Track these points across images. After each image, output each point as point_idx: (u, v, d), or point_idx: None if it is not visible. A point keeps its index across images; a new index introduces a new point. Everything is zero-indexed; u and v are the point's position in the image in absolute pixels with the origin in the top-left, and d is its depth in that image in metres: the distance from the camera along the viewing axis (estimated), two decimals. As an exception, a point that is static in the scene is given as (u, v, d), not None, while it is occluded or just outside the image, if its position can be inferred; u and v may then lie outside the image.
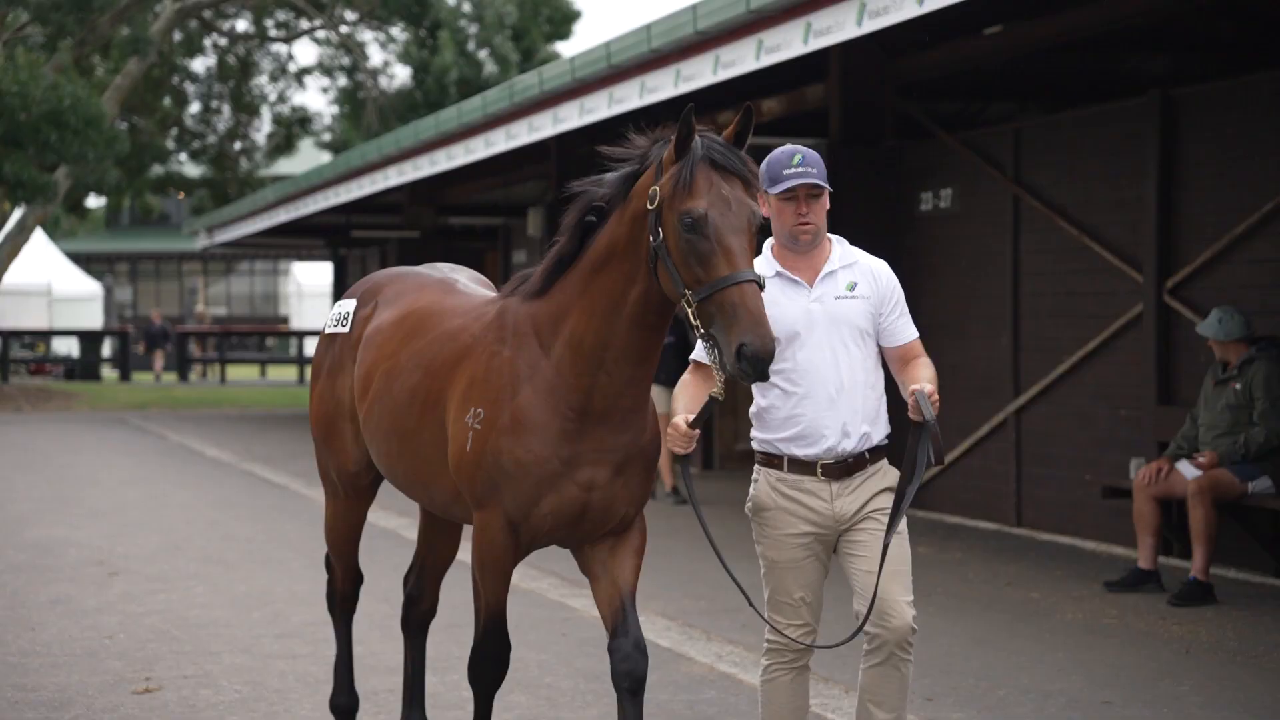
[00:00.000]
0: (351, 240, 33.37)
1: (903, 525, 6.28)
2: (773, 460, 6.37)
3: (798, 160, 6.20)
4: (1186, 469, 11.54)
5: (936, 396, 6.12)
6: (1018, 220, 14.89)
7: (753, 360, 5.50)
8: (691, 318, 5.67)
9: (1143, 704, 8.55)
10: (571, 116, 16.75)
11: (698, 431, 6.02)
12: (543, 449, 6.12)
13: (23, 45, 34.36)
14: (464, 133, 20.00)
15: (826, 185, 6.25)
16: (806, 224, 6.26)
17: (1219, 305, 11.89)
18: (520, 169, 24.26)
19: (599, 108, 16.03)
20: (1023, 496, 14.91)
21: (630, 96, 15.21)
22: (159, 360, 49.86)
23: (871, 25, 11.35)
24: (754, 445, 6.47)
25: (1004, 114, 18.33)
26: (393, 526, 15.11)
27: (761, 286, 5.68)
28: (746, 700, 8.59)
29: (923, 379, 6.22)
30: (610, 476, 6.18)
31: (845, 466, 6.29)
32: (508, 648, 6.63)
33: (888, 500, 6.30)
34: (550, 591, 12.06)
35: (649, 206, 5.82)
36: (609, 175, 6.11)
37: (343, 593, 7.91)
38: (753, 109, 5.88)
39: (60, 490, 19.02)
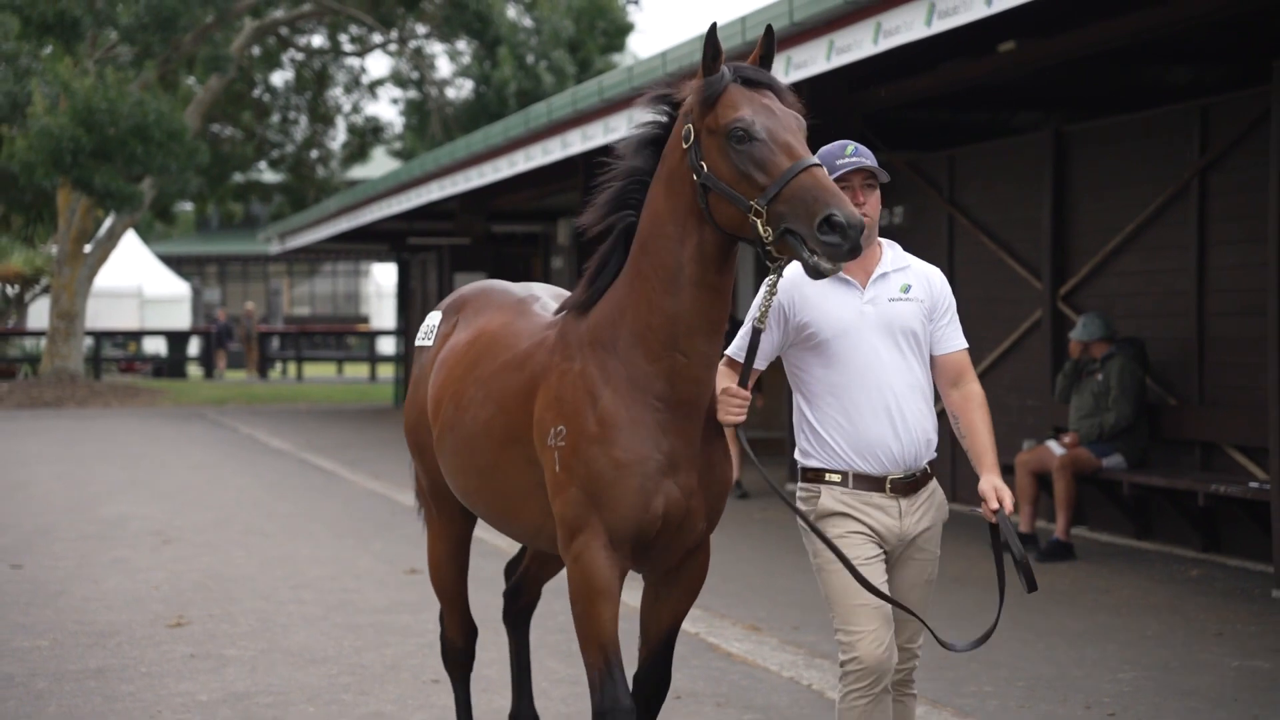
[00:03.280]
0: (411, 246, 35.67)
1: (936, 566, 6.14)
2: (831, 475, 5.99)
3: (851, 150, 5.95)
4: (1055, 447, 13.76)
5: (1010, 500, 5.94)
6: (952, 236, 17.05)
7: (843, 228, 5.12)
8: (760, 229, 5.30)
9: (955, 631, 10.66)
10: (576, 142, 19.05)
11: (748, 394, 5.76)
12: (641, 447, 5.70)
13: (112, 64, 36.66)
14: (490, 153, 22.36)
15: (883, 172, 6.01)
16: (863, 215, 5.77)
17: (1086, 312, 14.10)
18: (555, 182, 26.50)
19: (597, 135, 18.31)
20: (957, 477, 17.04)
21: (621, 126, 17.47)
22: (222, 359, 52.19)
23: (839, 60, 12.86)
24: (805, 462, 6.07)
25: (1031, 123, 19.41)
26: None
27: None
28: (633, 622, 10.75)
29: (985, 455, 6.01)
30: (698, 485, 5.81)
31: (913, 482, 6.02)
32: (629, 694, 5.90)
33: (934, 540, 6.09)
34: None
35: (684, 145, 5.54)
36: (630, 149, 5.87)
37: (454, 645, 7.49)
38: (772, 30, 5.74)
39: (134, 475, 21.52)
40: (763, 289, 5.71)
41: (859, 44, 12.62)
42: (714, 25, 5.59)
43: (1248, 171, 12.90)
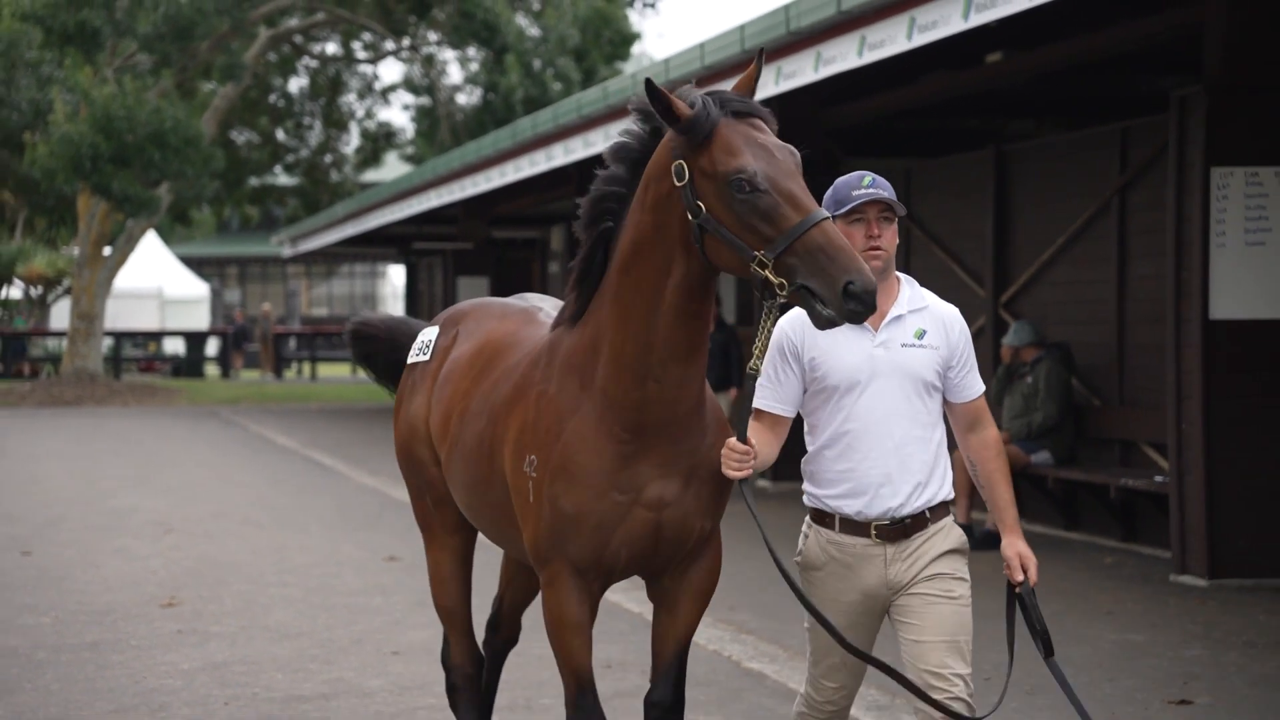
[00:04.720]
0: (417, 250, 36.74)
1: (966, 590, 5.88)
2: (824, 518, 5.86)
3: (868, 181, 5.75)
4: (988, 445, 14.84)
5: (1035, 570, 5.90)
6: (909, 246, 18.08)
7: (862, 296, 5.03)
8: (770, 277, 5.17)
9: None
10: (559, 155, 20.26)
11: (749, 448, 5.53)
12: (600, 484, 5.66)
13: (131, 73, 37.56)
14: (483, 163, 23.58)
15: (900, 206, 5.78)
16: (878, 248, 5.71)
17: (1019, 319, 15.21)
18: (551, 190, 27.51)
19: (578, 149, 19.51)
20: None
21: (599, 141, 18.62)
22: (239, 359, 53.10)
23: (787, 85, 14.08)
24: (805, 500, 5.97)
25: (1025, 130, 19.78)
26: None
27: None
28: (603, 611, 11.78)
29: (1006, 512, 5.91)
30: (680, 489, 5.70)
31: (903, 528, 5.78)
32: (602, 715, 5.93)
33: (950, 565, 5.83)
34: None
35: (677, 184, 5.35)
36: (610, 158, 5.70)
37: (461, 671, 7.20)
38: (763, 55, 5.65)
39: (144, 470, 22.63)
40: (760, 331, 5.46)
41: (801, 71, 13.86)
42: (648, 79, 5.44)
43: (1159, 190, 13.91)
